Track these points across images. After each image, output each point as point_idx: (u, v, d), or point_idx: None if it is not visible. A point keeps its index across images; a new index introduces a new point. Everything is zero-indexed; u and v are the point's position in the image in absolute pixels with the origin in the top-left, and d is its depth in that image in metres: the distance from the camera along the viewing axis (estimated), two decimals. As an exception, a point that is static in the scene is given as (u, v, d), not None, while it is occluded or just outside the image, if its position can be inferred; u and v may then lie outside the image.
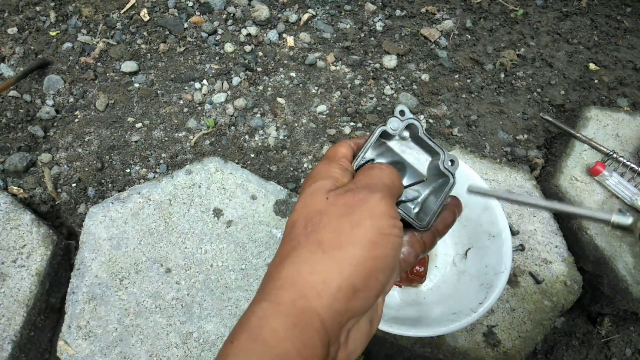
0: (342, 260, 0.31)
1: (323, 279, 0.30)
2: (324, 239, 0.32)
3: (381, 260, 0.32)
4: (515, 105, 1.12)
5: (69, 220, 0.90)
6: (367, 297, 0.31)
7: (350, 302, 0.30)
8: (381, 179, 0.36)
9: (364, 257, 0.31)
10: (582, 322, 0.96)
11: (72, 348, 0.72)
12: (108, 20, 1.14)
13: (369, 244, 0.31)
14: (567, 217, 0.91)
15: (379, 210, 0.33)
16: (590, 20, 1.32)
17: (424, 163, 0.43)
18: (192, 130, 1.00)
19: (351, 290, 0.30)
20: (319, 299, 0.29)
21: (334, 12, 1.22)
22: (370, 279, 0.31)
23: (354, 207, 0.33)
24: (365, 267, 0.31)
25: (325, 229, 0.33)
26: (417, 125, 0.41)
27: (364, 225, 0.32)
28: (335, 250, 0.31)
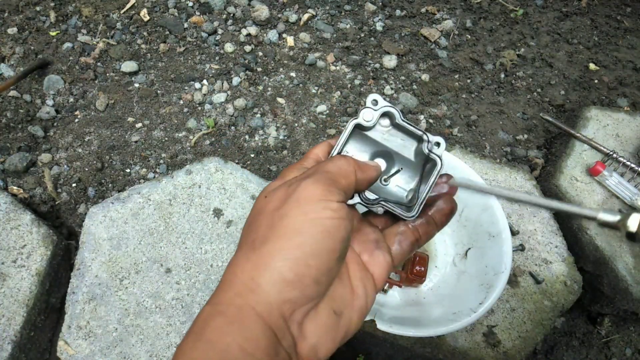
0: (268, 253, 0.31)
1: (251, 275, 0.31)
2: (256, 237, 0.33)
3: (309, 246, 0.31)
4: (515, 105, 1.12)
5: (69, 220, 0.90)
6: (303, 285, 0.31)
7: (283, 292, 0.30)
8: (322, 167, 0.35)
9: (288, 246, 0.31)
10: (582, 322, 0.96)
11: (72, 348, 0.72)
12: (108, 20, 1.14)
13: (293, 232, 0.31)
14: (568, 217, 0.91)
15: (305, 195, 0.33)
16: (590, 20, 1.32)
17: (410, 149, 0.41)
18: (192, 130, 1.00)
19: (280, 281, 0.30)
20: (252, 294, 0.30)
21: (334, 12, 1.22)
22: (299, 266, 0.31)
23: (285, 199, 0.33)
24: (292, 256, 0.31)
25: (260, 227, 0.33)
26: (394, 112, 0.40)
27: (290, 215, 0.32)
28: (263, 246, 0.32)
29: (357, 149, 0.41)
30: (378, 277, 0.37)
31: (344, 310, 0.35)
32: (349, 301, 0.35)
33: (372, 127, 0.41)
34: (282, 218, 0.32)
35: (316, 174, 0.34)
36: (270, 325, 0.30)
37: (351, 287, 0.36)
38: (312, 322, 0.32)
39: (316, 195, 0.32)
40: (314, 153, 0.40)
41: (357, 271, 0.37)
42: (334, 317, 0.34)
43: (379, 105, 0.39)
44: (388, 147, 0.41)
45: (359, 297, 0.36)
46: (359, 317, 0.36)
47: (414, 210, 0.38)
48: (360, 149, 0.41)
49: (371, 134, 0.41)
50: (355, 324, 0.35)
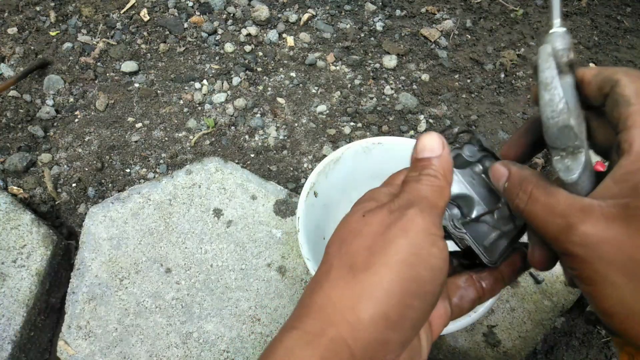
0: (372, 283, 0.27)
1: (352, 304, 0.27)
2: (356, 261, 0.29)
3: (415, 284, 0.28)
4: (515, 105, 1.12)
5: (69, 220, 0.90)
6: (402, 328, 0.28)
7: (384, 332, 0.27)
8: (422, 192, 0.32)
9: (394, 279, 0.27)
10: (582, 322, 0.96)
11: (72, 348, 0.72)
12: (108, 20, 1.14)
13: (401, 264, 0.28)
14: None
15: (415, 226, 0.29)
16: (590, 20, 1.32)
17: (494, 202, 0.37)
18: (192, 130, 1.00)
19: (383, 317, 0.27)
20: (349, 327, 0.27)
21: (334, 12, 1.22)
22: (403, 306, 0.27)
23: (389, 225, 0.30)
24: (398, 291, 0.27)
25: (358, 249, 0.30)
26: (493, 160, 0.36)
27: (397, 244, 0.28)
28: (365, 273, 0.28)
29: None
30: (435, 329, 0.36)
31: (415, 358, 0.32)
32: (417, 349, 0.33)
33: (466, 167, 0.37)
34: (388, 245, 0.29)
35: (418, 203, 0.31)
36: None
37: (419, 337, 0.34)
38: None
39: (423, 227, 0.29)
40: (399, 179, 0.35)
41: None
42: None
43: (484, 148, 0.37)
44: (473, 193, 0.37)
45: (423, 347, 0.34)
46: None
47: (495, 256, 0.35)
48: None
49: (460, 173, 0.37)
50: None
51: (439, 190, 0.32)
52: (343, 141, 1.01)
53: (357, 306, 0.27)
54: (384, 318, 0.27)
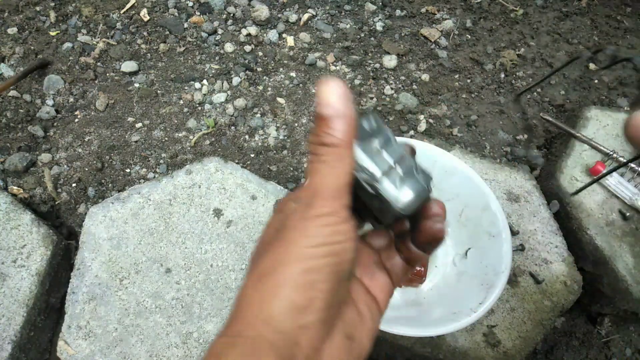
0: (276, 283, 0.30)
1: (262, 304, 0.29)
2: (260, 265, 0.31)
3: (316, 272, 0.29)
4: (516, 105, 1.12)
5: (69, 220, 0.90)
6: (315, 309, 0.29)
7: (297, 319, 0.29)
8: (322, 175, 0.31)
9: (295, 274, 0.29)
10: (582, 322, 0.96)
11: (72, 348, 0.72)
12: (108, 20, 1.14)
13: (298, 260, 0.29)
14: (567, 218, 0.91)
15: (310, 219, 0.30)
16: (590, 20, 1.32)
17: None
18: (192, 130, 1.00)
19: (290, 308, 0.29)
20: (264, 324, 0.29)
21: (334, 12, 1.22)
22: (308, 291, 0.29)
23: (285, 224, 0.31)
24: (301, 282, 0.29)
25: (261, 252, 0.32)
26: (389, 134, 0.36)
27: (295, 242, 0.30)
28: (269, 276, 0.30)
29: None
30: (381, 301, 0.37)
31: (355, 333, 0.34)
32: (358, 324, 0.34)
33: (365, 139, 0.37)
34: (287, 245, 0.30)
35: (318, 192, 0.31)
36: (286, 357, 0.29)
37: (358, 310, 0.35)
38: (328, 348, 0.31)
39: (320, 219, 0.30)
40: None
41: (361, 294, 0.36)
42: (347, 341, 0.33)
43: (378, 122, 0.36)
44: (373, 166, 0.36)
45: (366, 320, 0.35)
46: (369, 339, 0.35)
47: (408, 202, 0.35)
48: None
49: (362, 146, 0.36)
50: (366, 347, 0.34)
51: (340, 166, 0.31)
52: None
53: (266, 305, 0.29)
54: (292, 308, 0.29)
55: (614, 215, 0.90)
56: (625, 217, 0.90)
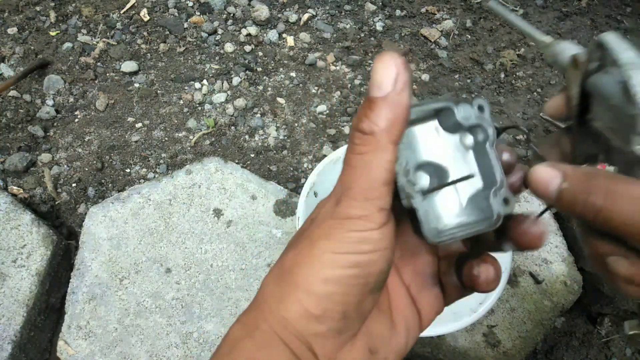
0: (294, 283, 0.28)
1: (278, 305, 0.28)
2: (285, 261, 0.29)
3: (335, 283, 0.27)
4: (515, 105, 1.12)
5: (69, 220, 0.90)
6: (331, 320, 0.27)
7: (310, 326, 0.27)
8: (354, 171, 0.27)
9: (313, 279, 0.27)
10: (582, 322, 0.96)
11: (72, 348, 0.72)
12: (108, 20, 1.14)
13: (320, 264, 0.27)
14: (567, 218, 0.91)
15: (336, 224, 0.27)
16: (590, 20, 1.32)
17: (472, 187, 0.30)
18: (192, 130, 1.00)
19: (305, 315, 0.27)
20: (278, 323, 0.28)
21: (334, 12, 1.22)
22: (323, 302, 0.27)
23: (314, 224, 0.29)
24: (317, 290, 0.27)
25: (289, 250, 0.30)
26: (490, 134, 0.30)
27: (319, 245, 0.28)
28: (289, 274, 0.28)
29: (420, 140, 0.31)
30: (425, 317, 0.33)
31: (380, 348, 0.30)
32: (386, 339, 0.31)
33: (454, 131, 0.31)
34: (311, 245, 0.28)
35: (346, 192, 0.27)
36: (298, 356, 0.28)
37: (391, 322, 0.31)
38: (345, 358, 0.29)
39: (347, 226, 0.27)
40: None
41: (402, 305, 0.32)
42: (368, 355, 0.30)
43: (482, 114, 0.30)
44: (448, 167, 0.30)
45: (398, 335, 0.31)
46: (396, 357, 0.31)
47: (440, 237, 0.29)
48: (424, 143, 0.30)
49: (446, 138, 0.30)
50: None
51: (376, 161, 0.26)
52: (343, 141, 1.01)
53: (282, 305, 0.28)
54: (307, 316, 0.27)
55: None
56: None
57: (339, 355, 0.29)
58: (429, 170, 0.30)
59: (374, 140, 0.26)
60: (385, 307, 0.31)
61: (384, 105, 0.26)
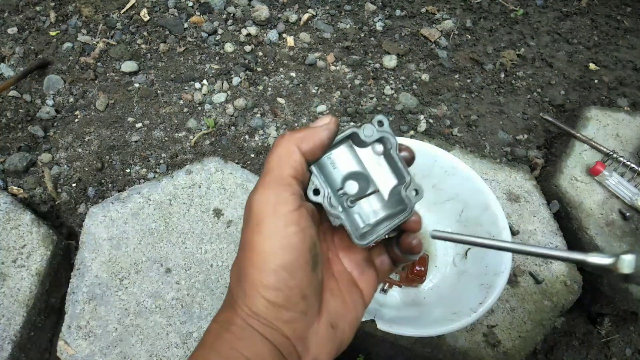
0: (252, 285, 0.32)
1: (246, 303, 0.32)
2: (240, 266, 0.34)
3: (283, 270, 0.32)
4: (515, 105, 1.12)
5: (69, 220, 0.90)
6: (292, 305, 0.32)
7: (279, 316, 0.32)
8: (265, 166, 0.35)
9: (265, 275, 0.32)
10: (582, 322, 0.96)
11: (72, 348, 0.72)
12: (108, 20, 1.14)
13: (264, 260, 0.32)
14: (567, 218, 0.91)
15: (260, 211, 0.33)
16: (590, 20, 1.32)
17: (388, 185, 0.39)
18: (192, 130, 1.00)
19: (272, 307, 0.32)
20: (252, 318, 0.32)
21: (334, 12, 1.22)
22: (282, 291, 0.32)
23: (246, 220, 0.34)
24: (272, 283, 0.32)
25: (239, 253, 0.34)
26: (392, 141, 0.38)
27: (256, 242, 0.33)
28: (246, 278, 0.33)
29: (341, 158, 0.39)
30: (367, 294, 0.39)
31: (339, 322, 0.36)
32: (342, 314, 0.37)
33: (365, 146, 0.39)
34: (250, 245, 0.33)
35: (262, 178, 0.34)
36: (275, 345, 0.32)
37: (344, 301, 0.37)
38: (314, 336, 0.34)
39: (271, 209, 0.33)
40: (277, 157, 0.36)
41: (348, 287, 0.38)
42: (330, 329, 0.35)
43: (382, 128, 0.38)
44: (369, 171, 0.39)
45: (350, 311, 0.37)
46: (352, 328, 0.38)
47: (366, 240, 0.37)
48: (345, 160, 0.39)
49: (360, 152, 0.39)
50: (348, 335, 0.37)
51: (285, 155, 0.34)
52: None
53: (249, 302, 0.32)
54: (273, 307, 0.32)
55: (614, 215, 0.90)
56: (625, 217, 0.90)
57: (309, 333, 0.34)
58: (356, 177, 0.39)
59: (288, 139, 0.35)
60: (336, 290, 0.38)
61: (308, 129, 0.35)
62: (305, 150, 0.35)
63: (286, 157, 0.34)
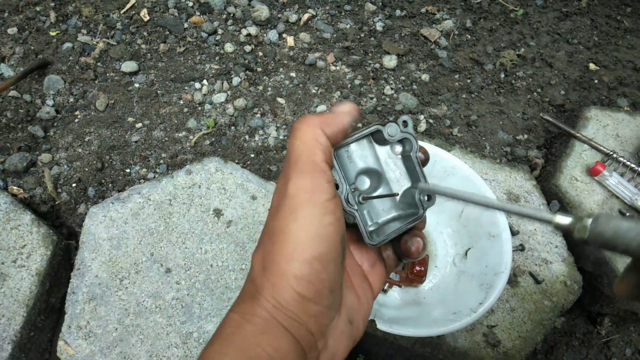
0: (281, 275, 0.31)
1: (272, 294, 0.31)
2: (266, 254, 0.32)
3: (317, 261, 0.31)
4: (515, 105, 1.12)
5: (69, 220, 0.90)
6: (321, 299, 0.31)
7: (307, 310, 0.31)
8: (292, 155, 0.32)
9: (297, 265, 0.30)
10: (582, 322, 0.96)
11: (72, 348, 0.72)
12: (108, 20, 1.14)
13: (298, 249, 0.30)
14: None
15: (297, 202, 0.31)
16: (590, 20, 1.32)
17: (402, 186, 0.39)
18: (192, 130, 1.00)
19: (300, 299, 0.30)
20: (278, 311, 0.31)
21: (334, 12, 1.22)
22: (313, 284, 0.30)
23: (278, 207, 0.32)
24: (305, 273, 0.30)
25: (265, 240, 0.33)
26: (414, 144, 0.38)
27: (289, 230, 0.31)
28: (273, 266, 0.31)
29: (358, 152, 0.39)
30: (375, 287, 0.39)
31: (354, 317, 0.35)
32: (357, 309, 0.36)
33: (385, 144, 0.39)
34: (284, 233, 0.31)
35: (293, 164, 0.32)
36: (298, 339, 0.30)
37: (357, 296, 0.37)
38: (333, 332, 0.33)
39: (309, 197, 0.31)
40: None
41: (359, 281, 0.38)
42: (349, 325, 0.34)
43: (406, 129, 0.38)
44: (385, 171, 0.39)
45: (363, 305, 0.37)
46: (364, 324, 0.37)
47: (375, 240, 0.37)
48: (362, 155, 0.39)
49: (379, 150, 0.39)
50: (361, 331, 0.36)
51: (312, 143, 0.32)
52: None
53: (276, 293, 0.31)
54: (301, 300, 0.30)
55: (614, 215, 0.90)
56: (625, 217, 0.90)
57: (329, 328, 0.33)
58: (369, 174, 0.39)
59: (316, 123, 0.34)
60: (349, 283, 0.37)
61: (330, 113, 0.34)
62: (330, 134, 0.33)
63: (313, 141, 0.32)
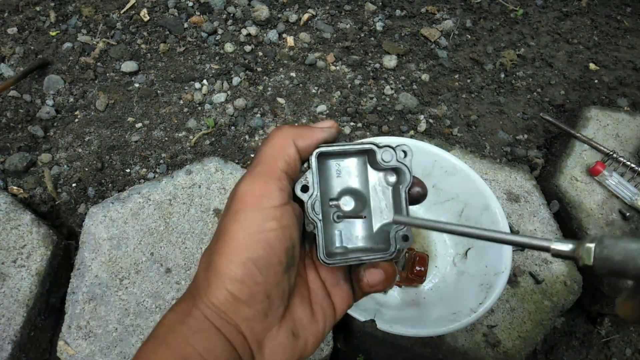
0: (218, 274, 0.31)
1: (206, 293, 0.31)
2: (209, 253, 0.32)
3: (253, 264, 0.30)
4: (515, 105, 1.12)
5: (69, 220, 0.90)
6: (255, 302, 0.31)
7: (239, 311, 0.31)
8: (257, 155, 0.33)
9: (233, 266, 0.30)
10: (582, 322, 0.96)
11: (72, 348, 0.72)
12: (108, 20, 1.14)
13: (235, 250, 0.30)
14: (567, 218, 0.91)
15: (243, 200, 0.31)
16: (590, 20, 1.32)
17: (383, 218, 0.36)
18: (192, 130, 1.00)
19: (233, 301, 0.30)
20: (210, 310, 0.31)
21: (334, 12, 1.22)
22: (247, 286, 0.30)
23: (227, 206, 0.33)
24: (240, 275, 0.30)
25: (212, 239, 0.33)
26: (407, 178, 0.35)
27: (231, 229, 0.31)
28: (212, 265, 0.31)
29: (349, 170, 0.37)
30: (339, 309, 0.37)
31: (301, 333, 0.34)
32: (307, 324, 0.35)
33: (379, 169, 0.36)
34: (225, 233, 0.31)
35: (252, 168, 0.32)
36: (231, 342, 0.31)
37: (311, 310, 0.35)
38: (272, 342, 0.33)
39: (255, 200, 0.31)
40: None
41: (319, 297, 0.36)
42: (292, 338, 0.33)
43: (404, 159, 0.35)
44: (370, 198, 0.37)
45: (317, 322, 0.35)
46: (315, 342, 0.35)
47: (332, 260, 0.34)
48: (352, 173, 0.37)
49: (372, 174, 0.37)
50: (310, 348, 0.35)
51: (279, 148, 0.33)
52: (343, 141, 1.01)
53: (210, 295, 0.31)
54: (234, 301, 0.30)
55: (614, 215, 0.90)
56: (625, 217, 0.90)
57: (266, 337, 0.32)
58: (355, 196, 0.37)
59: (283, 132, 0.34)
60: (305, 296, 0.35)
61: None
62: (301, 147, 0.34)
63: (280, 149, 0.33)
